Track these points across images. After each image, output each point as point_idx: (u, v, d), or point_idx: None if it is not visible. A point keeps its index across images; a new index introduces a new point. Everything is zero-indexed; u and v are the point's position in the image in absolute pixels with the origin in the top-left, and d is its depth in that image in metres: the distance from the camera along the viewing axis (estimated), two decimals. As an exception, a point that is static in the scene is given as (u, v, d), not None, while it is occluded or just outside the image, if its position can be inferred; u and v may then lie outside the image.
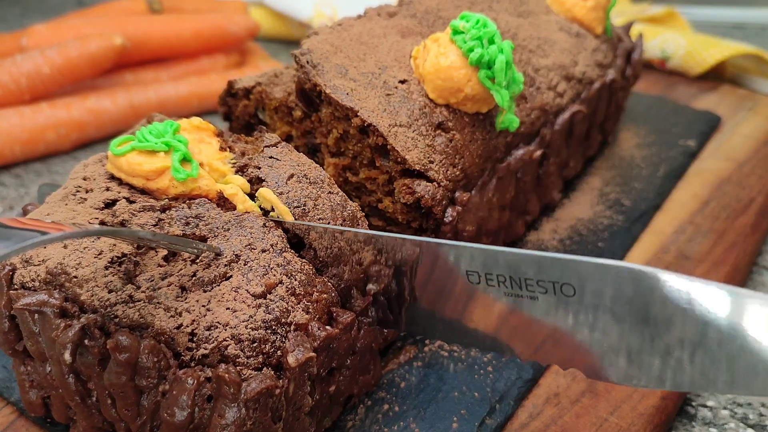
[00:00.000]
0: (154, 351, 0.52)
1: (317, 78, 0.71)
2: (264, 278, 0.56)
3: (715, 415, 0.71)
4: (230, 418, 0.50)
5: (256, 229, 0.59)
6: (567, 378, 0.70)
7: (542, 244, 0.89)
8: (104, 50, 1.13)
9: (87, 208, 0.60)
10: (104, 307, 0.54)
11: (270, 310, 0.54)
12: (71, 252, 0.57)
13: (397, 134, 0.69)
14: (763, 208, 0.98)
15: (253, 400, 0.50)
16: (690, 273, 0.85)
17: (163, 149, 0.60)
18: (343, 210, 0.64)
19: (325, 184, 0.65)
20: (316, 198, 0.63)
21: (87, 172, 0.65)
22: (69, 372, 0.55)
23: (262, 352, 0.53)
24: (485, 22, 0.70)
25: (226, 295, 0.55)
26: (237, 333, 0.53)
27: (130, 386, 0.53)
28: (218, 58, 1.32)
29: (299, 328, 0.55)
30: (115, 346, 0.51)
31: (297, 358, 0.53)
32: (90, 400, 0.57)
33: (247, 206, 0.61)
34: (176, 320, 0.53)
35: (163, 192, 0.61)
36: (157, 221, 0.59)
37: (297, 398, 0.55)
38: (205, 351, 0.52)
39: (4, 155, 1.07)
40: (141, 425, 0.54)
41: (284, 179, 0.63)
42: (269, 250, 0.58)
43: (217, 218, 0.60)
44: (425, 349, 0.73)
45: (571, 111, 0.88)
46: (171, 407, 0.51)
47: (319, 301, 0.58)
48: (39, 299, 0.54)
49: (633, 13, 1.52)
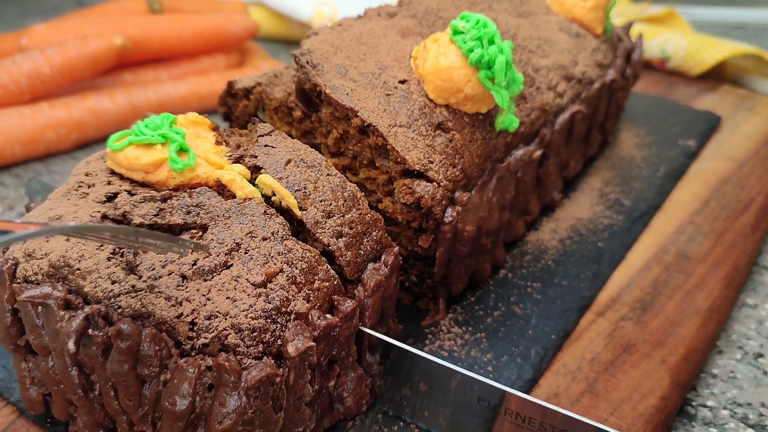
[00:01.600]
0: (156, 339, 0.52)
1: (317, 78, 0.71)
2: (264, 267, 0.56)
3: (715, 415, 0.71)
4: (231, 406, 0.51)
5: (257, 217, 0.59)
6: (567, 378, 0.70)
7: (542, 244, 0.89)
8: (104, 50, 1.13)
9: (89, 202, 0.61)
10: (107, 297, 0.54)
11: (270, 299, 0.55)
12: (74, 245, 0.57)
13: (396, 134, 0.69)
14: (763, 208, 0.98)
15: (253, 389, 0.51)
16: (690, 273, 0.85)
17: (160, 141, 0.61)
18: (344, 191, 0.64)
19: (323, 167, 0.65)
20: (316, 180, 0.63)
21: (89, 169, 0.65)
22: (72, 364, 0.55)
23: (262, 341, 0.53)
24: (485, 22, 0.70)
25: (227, 284, 0.55)
26: (237, 322, 0.53)
27: (132, 375, 0.53)
28: (218, 58, 1.32)
29: (299, 317, 0.55)
30: (117, 334, 0.51)
31: (297, 347, 0.53)
32: (92, 393, 0.57)
33: (247, 192, 0.61)
34: (177, 309, 0.54)
35: (162, 184, 0.62)
36: (158, 211, 0.60)
37: (298, 387, 0.55)
38: (206, 340, 0.53)
39: (4, 155, 1.07)
40: (143, 415, 0.54)
41: (282, 165, 0.63)
42: (270, 238, 0.58)
43: (218, 206, 0.60)
44: (425, 349, 0.73)
45: (571, 111, 0.88)
46: (172, 396, 0.52)
47: (320, 289, 0.58)
48: (43, 291, 0.54)
49: (633, 13, 1.52)
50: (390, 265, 0.64)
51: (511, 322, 0.76)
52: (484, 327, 0.76)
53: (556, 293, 0.81)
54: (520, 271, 0.84)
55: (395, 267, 0.65)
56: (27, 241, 0.58)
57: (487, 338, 0.74)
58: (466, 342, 0.74)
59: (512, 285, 0.82)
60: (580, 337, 0.75)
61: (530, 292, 0.81)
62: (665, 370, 0.71)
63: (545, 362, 0.72)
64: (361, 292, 0.61)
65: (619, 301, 0.81)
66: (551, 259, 0.86)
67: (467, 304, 0.79)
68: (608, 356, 0.73)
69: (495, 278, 0.83)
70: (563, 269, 0.85)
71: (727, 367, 0.77)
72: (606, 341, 0.75)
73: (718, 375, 0.76)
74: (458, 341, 0.74)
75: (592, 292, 0.81)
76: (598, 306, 0.80)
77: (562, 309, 0.78)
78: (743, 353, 0.79)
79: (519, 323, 0.76)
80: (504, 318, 0.77)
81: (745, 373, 0.76)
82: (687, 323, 0.77)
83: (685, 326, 0.77)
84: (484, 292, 0.81)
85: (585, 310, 0.79)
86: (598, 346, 0.74)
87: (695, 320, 0.78)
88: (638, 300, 0.81)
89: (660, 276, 0.85)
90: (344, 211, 0.63)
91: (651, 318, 0.78)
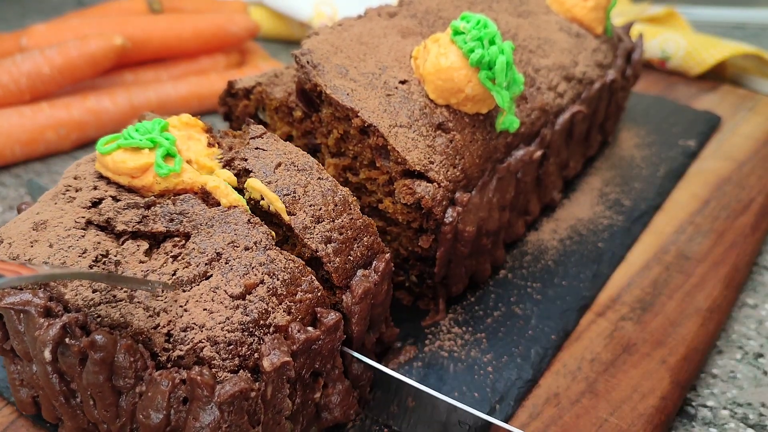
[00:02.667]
0: (131, 351, 0.51)
1: (317, 78, 0.71)
2: (244, 278, 0.55)
3: (715, 415, 0.71)
4: (205, 420, 0.50)
5: (240, 226, 0.58)
6: (567, 378, 0.70)
7: (542, 244, 0.89)
8: (104, 50, 1.13)
9: (75, 207, 0.61)
10: (88, 306, 0.54)
11: (248, 311, 0.53)
12: (56, 251, 0.57)
13: (397, 135, 0.69)
14: (763, 208, 0.98)
15: (227, 403, 0.49)
16: (690, 273, 0.85)
17: (148, 146, 0.60)
18: (334, 195, 0.63)
19: (314, 171, 0.64)
20: (306, 185, 0.62)
21: (78, 171, 0.65)
22: (53, 372, 0.55)
23: (238, 355, 0.52)
24: (486, 22, 0.70)
25: (205, 295, 0.54)
26: (213, 335, 0.52)
27: (107, 386, 0.52)
28: (218, 58, 1.32)
29: (279, 330, 0.54)
30: (91, 345, 0.50)
31: (272, 362, 0.52)
32: (74, 400, 0.57)
33: (231, 200, 0.60)
34: (154, 320, 0.53)
35: (148, 189, 0.61)
36: (141, 218, 0.59)
37: (276, 401, 0.54)
38: (181, 352, 0.52)
39: (4, 155, 1.07)
40: (121, 426, 0.54)
41: (272, 168, 0.62)
42: (253, 248, 0.57)
43: (201, 214, 0.59)
44: (425, 350, 0.73)
45: (571, 111, 0.88)
46: (146, 409, 0.51)
47: (302, 301, 0.57)
48: (23, 299, 0.54)
49: (633, 13, 1.52)
50: (381, 271, 0.62)
51: (511, 323, 0.76)
52: (484, 327, 0.76)
53: (556, 293, 0.81)
54: (520, 272, 0.84)
55: (386, 273, 0.63)
56: (12, 246, 0.58)
57: (487, 338, 0.74)
58: (466, 342, 0.74)
59: (512, 285, 0.82)
60: (580, 337, 0.76)
61: (530, 292, 0.81)
62: (665, 370, 0.71)
63: (545, 362, 0.72)
64: (349, 298, 0.60)
65: (619, 301, 0.81)
66: (551, 259, 0.87)
67: (467, 304, 0.79)
68: (608, 356, 0.73)
69: (495, 278, 0.83)
70: (563, 269, 0.85)
71: (727, 367, 0.77)
72: (606, 341, 0.75)
73: (718, 375, 0.76)
74: (458, 341, 0.74)
75: (592, 292, 0.81)
76: (598, 306, 0.80)
77: (562, 309, 0.78)
78: (743, 353, 0.79)
79: (519, 323, 0.76)
80: (504, 318, 0.77)
81: (745, 373, 0.76)
82: (687, 323, 0.77)
83: (685, 326, 0.77)
84: (484, 292, 0.81)
85: (585, 310, 0.79)
86: (598, 346, 0.74)
87: (695, 320, 0.78)
88: (638, 300, 0.81)
89: (660, 276, 0.85)
90: (334, 216, 0.62)
91: (651, 318, 0.78)
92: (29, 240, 0.58)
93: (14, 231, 0.59)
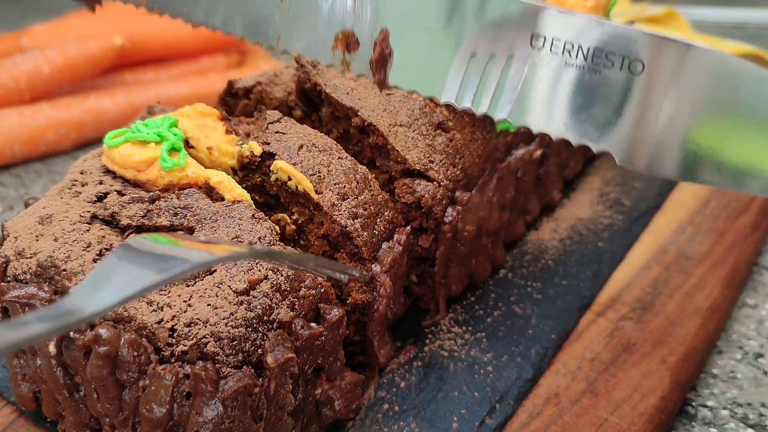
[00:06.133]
0: (134, 345, 0.51)
1: (317, 78, 0.71)
2: (248, 274, 0.55)
3: (715, 415, 0.71)
4: (208, 415, 0.50)
5: (244, 221, 0.58)
6: (567, 378, 0.70)
7: (542, 243, 0.89)
8: (104, 50, 1.14)
9: (80, 202, 0.61)
10: None
11: (252, 307, 0.54)
12: (61, 245, 0.57)
13: (397, 134, 0.69)
14: (763, 208, 0.98)
15: (230, 398, 0.50)
16: (690, 273, 0.85)
17: (155, 140, 0.61)
18: (356, 173, 0.66)
19: (334, 151, 0.66)
20: (329, 164, 0.64)
21: (85, 166, 0.66)
22: (57, 365, 0.55)
23: (242, 351, 0.52)
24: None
25: (209, 290, 0.54)
26: (216, 330, 0.52)
27: (111, 380, 0.52)
28: (218, 58, 1.32)
29: (282, 326, 0.54)
30: (95, 339, 0.51)
31: (276, 358, 0.52)
32: (78, 394, 0.57)
33: (235, 195, 0.61)
34: (158, 315, 0.53)
35: (152, 183, 0.62)
36: (145, 212, 0.60)
37: (279, 397, 0.55)
38: (185, 347, 0.52)
39: (4, 155, 1.07)
40: (123, 420, 0.54)
41: (295, 150, 0.64)
42: (256, 243, 0.57)
43: (205, 208, 0.59)
44: (425, 349, 0.73)
45: (571, 111, 0.88)
46: (149, 403, 0.51)
47: (306, 297, 0.57)
48: (28, 292, 0.54)
49: (633, 13, 1.52)
50: (403, 243, 0.65)
51: (511, 322, 0.76)
52: (484, 327, 0.76)
53: (556, 293, 0.81)
54: (520, 271, 0.84)
55: (407, 245, 0.66)
56: (18, 240, 0.58)
57: (487, 338, 0.74)
58: (466, 342, 0.74)
59: (512, 285, 0.82)
60: (580, 337, 0.75)
61: (530, 291, 0.81)
62: (665, 369, 0.71)
63: (545, 362, 0.72)
64: (378, 268, 0.63)
65: (619, 300, 0.81)
66: (551, 258, 0.86)
67: (467, 303, 0.79)
68: (608, 356, 0.73)
69: (495, 278, 0.83)
70: (563, 269, 0.85)
71: (727, 367, 0.77)
72: (606, 341, 0.75)
73: (718, 375, 0.76)
74: (458, 341, 0.74)
75: (592, 292, 0.81)
76: (598, 306, 0.80)
77: (562, 309, 0.78)
78: (743, 353, 0.79)
79: (519, 323, 0.76)
80: (504, 318, 0.77)
81: (745, 373, 0.76)
82: (687, 323, 0.77)
83: (685, 326, 0.77)
84: (484, 291, 0.81)
85: (585, 309, 0.79)
86: (598, 345, 0.74)
87: (695, 320, 0.78)
88: (638, 300, 0.81)
89: (660, 276, 0.85)
90: (357, 193, 0.64)
91: (651, 318, 0.78)
92: (35, 234, 0.58)
93: (20, 225, 0.60)
